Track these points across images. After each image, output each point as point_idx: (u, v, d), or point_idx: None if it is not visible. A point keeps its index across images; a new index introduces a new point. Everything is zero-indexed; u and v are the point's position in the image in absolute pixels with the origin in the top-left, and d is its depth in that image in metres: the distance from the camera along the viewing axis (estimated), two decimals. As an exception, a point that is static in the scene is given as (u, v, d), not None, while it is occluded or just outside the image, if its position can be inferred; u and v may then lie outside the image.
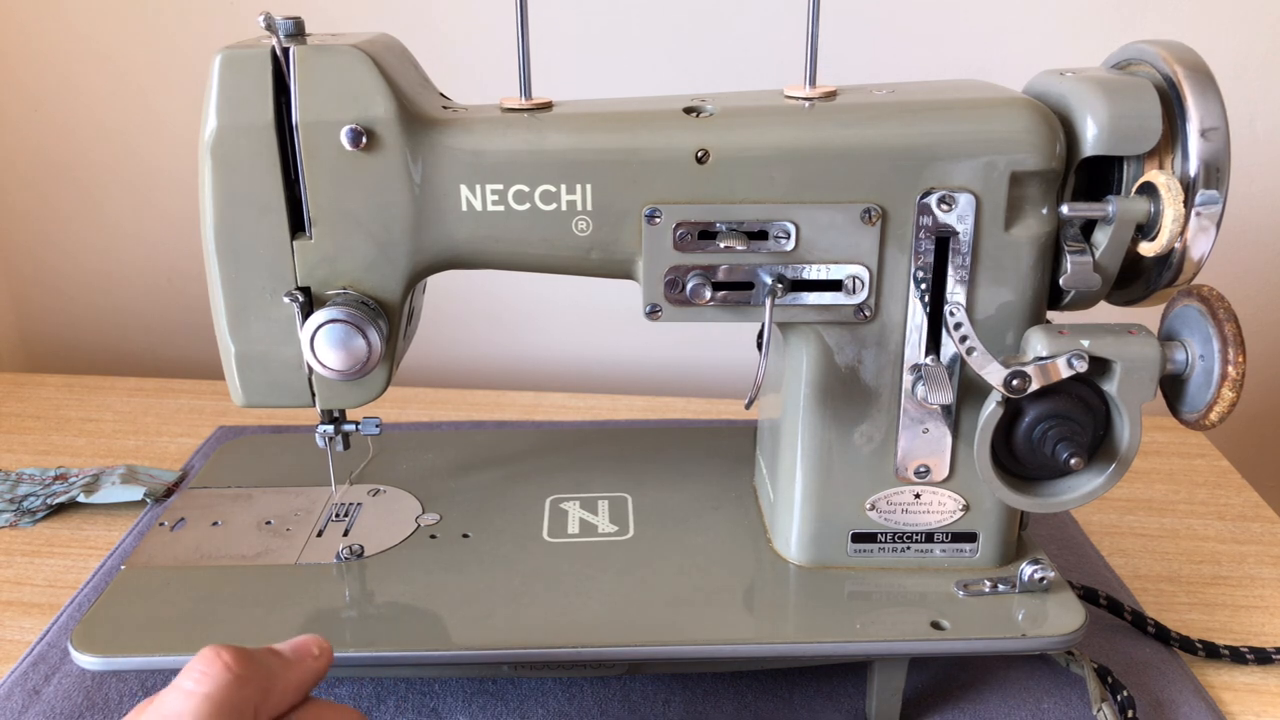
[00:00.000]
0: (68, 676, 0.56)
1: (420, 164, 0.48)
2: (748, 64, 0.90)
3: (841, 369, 0.52)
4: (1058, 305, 0.51)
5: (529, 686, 0.56)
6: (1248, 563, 0.68)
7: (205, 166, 0.48)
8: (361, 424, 0.57)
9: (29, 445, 0.83)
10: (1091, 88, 0.47)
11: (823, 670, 0.57)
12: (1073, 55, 0.82)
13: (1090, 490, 0.49)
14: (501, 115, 0.49)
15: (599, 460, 0.67)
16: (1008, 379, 0.46)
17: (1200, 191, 0.46)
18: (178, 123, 0.97)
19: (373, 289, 0.50)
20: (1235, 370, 0.45)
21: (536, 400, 0.92)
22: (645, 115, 0.49)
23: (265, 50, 0.47)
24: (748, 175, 0.48)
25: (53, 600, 0.64)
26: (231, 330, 0.50)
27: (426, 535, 0.59)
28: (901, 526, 0.54)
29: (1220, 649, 0.59)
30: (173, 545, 0.58)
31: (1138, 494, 0.77)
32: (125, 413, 0.89)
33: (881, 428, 0.53)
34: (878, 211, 0.48)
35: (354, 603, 0.53)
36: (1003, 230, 0.48)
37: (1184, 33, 0.85)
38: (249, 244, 0.49)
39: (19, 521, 0.72)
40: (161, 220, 1.01)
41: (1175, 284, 0.49)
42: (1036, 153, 0.47)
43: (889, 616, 0.51)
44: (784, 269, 0.49)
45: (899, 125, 0.48)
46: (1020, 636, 0.50)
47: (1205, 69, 0.47)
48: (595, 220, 0.49)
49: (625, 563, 0.56)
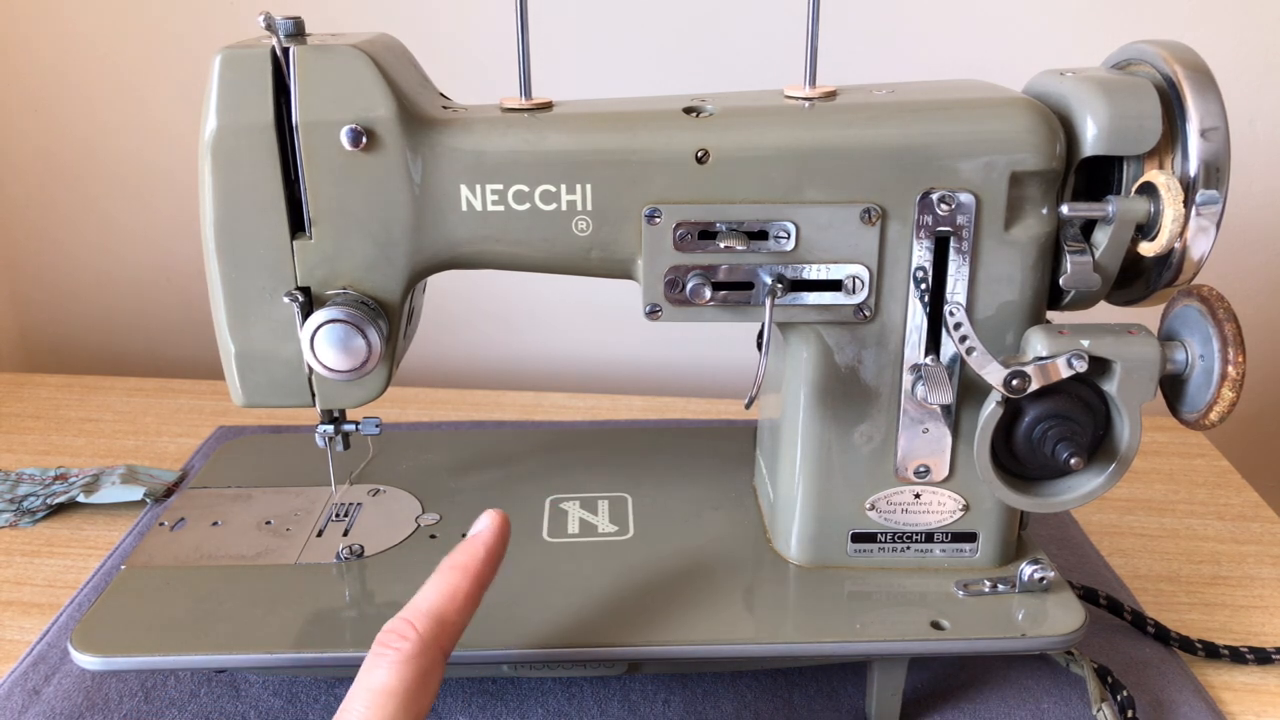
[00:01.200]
0: (68, 676, 0.56)
1: (420, 164, 0.48)
2: (748, 64, 0.90)
3: (841, 369, 0.52)
4: (1058, 305, 0.51)
5: (529, 686, 0.56)
6: (1248, 563, 0.68)
7: (205, 166, 0.48)
8: (361, 424, 0.57)
9: (29, 445, 0.83)
10: (1091, 88, 0.47)
11: (823, 670, 0.57)
12: (1073, 55, 0.81)
13: (1090, 490, 0.49)
14: (501, 115, 0.49)
15: (599, 460, 0.67)
16: (1008, 379, 0.46)
17: (1200, 191, 0.46)
18: (178, 123, 0.97)
19: (373, 289, 0.50)
20: (1235, 370, 0.45)
21: (536, 400, 0.92)
22: (645, 115, 0.49)
23: (265, 50, 0.47)
24: (748, 175, 0.48)
25: (53, 600, 0.64)
26: (231, 330, 0.50)
27: (426, 535, 0.59)
28: (901, 526, 0.54)
29: (1220, 649, 0.59)
30: (173, 545, 0.58)
31: (1138, 494, 0.77)
32: (125, 413, 0.89)
33: (881, 428, 0.53)
34: (878, 211, 0.48)
35: (354, 603, 0.53)
36: (1003, 230, 0.48)
37: (1184, 33, 0.85)
38: (249, 244, 0.49)
39: (19, 521, 0.72)
40: (161, 220, 1.01)
41: (1175, 284, 0.49)
42: (1036, 153, 0.47)
43: (889, 616, 0.51)
44: (784, 269, 0.49)
45: (899, 125, 0.48)
46: (1020, 636, 0.50)
47: (1205, 69, 0.47)
48: (595, 220, 0.49)
49: (625, 563, 0.56)
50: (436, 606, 0.43)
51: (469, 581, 0.45)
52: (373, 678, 0.40)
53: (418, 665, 0.41)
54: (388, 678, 0.40)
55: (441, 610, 0.43)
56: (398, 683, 0.40)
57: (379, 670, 0.40)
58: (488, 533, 0.47)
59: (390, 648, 0.41)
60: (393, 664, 0.40)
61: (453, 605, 0.43)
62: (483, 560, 0.46)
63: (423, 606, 0.43)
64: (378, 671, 0.40)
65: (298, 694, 0.55)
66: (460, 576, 0.45)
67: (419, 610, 0.43)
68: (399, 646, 0.41)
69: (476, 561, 0.45)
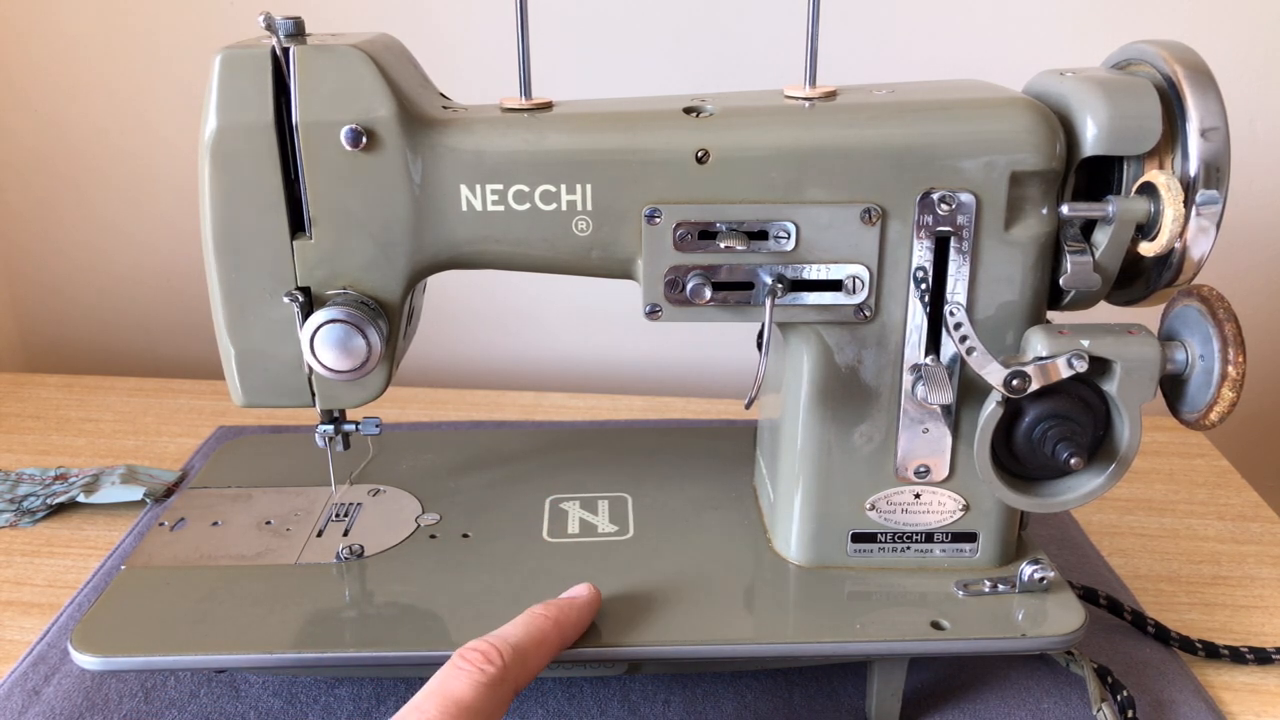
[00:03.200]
0: (68, 676, 0.56)
1: (420, 164, 0.48)
2: (748, 64, 0.90)
3: (841, 369, 0.52)
4: (1058, 305, 0.51)
5: (529, 686, 0.56)
6: (1248, 563, 0.68)
7: (205, 166, 0.48)
8: (361, 424, 0.57)
9: (29, 445, 0.83)
10: (1091, 88, 0.47)
11: (823, 670, 0.57)
12: (1073, 55, 0.82)
13: (1090, 490, 0.49)
14: (501, 115, 0.49)
15: (599, 460, 0.67)
16: (1008, 379, 0.46)
17: (1200, 191, 0.46)
18: (177, 123, 0.97)
19: (373, 289, 0.50)
20: (1235, 370, 0.45)
21: (536, 400, 0.92)
22: (645, 115, 0.49)
23: (265, 50, 0.47)
24: (748, 175, 0.48)
25: (53, 600, 0.64)
26: (231, 330, 0.50)
27: (426, 535, 0.59)
28: (901, 526, 0.54)
29: (1220, 649, 0.59)
30: (173, 545, 0.58)
31: (1138, 494, 0.77)
32: (125, 413, 0.89)
33: (881, 428, 0.53)
34: (878, 211, 0.48)
35: (354, 603, 0.53)
36: (1003, 230, 0.48)
37: (1184, 33, 0.85)
38: (249, 244, 0.49)
39: (19, 521, 0.72)
40: (161, 220, 1.01)
41: (1175, 284, 0.49)
42: (1036, 153, 0.47)
43: (889, 616, 0.51)
44: (784, 269, 0.49)
45: (899, 125, 0.48)
46: (1020, 636, 0.50)
47: (1205, 69, 0.47)
48: (595, 220, 0.49)
49: (625, 563, 0.56)
50: (525, 646, 0.42)
51: (556, 635, 0.45)
52: (453, 688, 0.39)
53: (496, 694, 0.40)
54: (470, 694, 0.39)
55: (527, 651, 0.43)
56: (476, 701, 0.39)
57: (461, 683, 0.39)
58: (582, 600, 0.48)
59: (476, 665, 0.40)
60: (477, 683, 0.40)
61: (537, 651, 0.43)
62: (573, 622, 0.46)
63: (512, 640, 0.42)
64: (459, 684, 0.39)
65: (298, 694, 0.55)
66: (551, 628, 0.44)
67: (508, 642, 0.42)
68: (485, 668, 0.40)
69: (568, 621, 0.46)
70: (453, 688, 0.39)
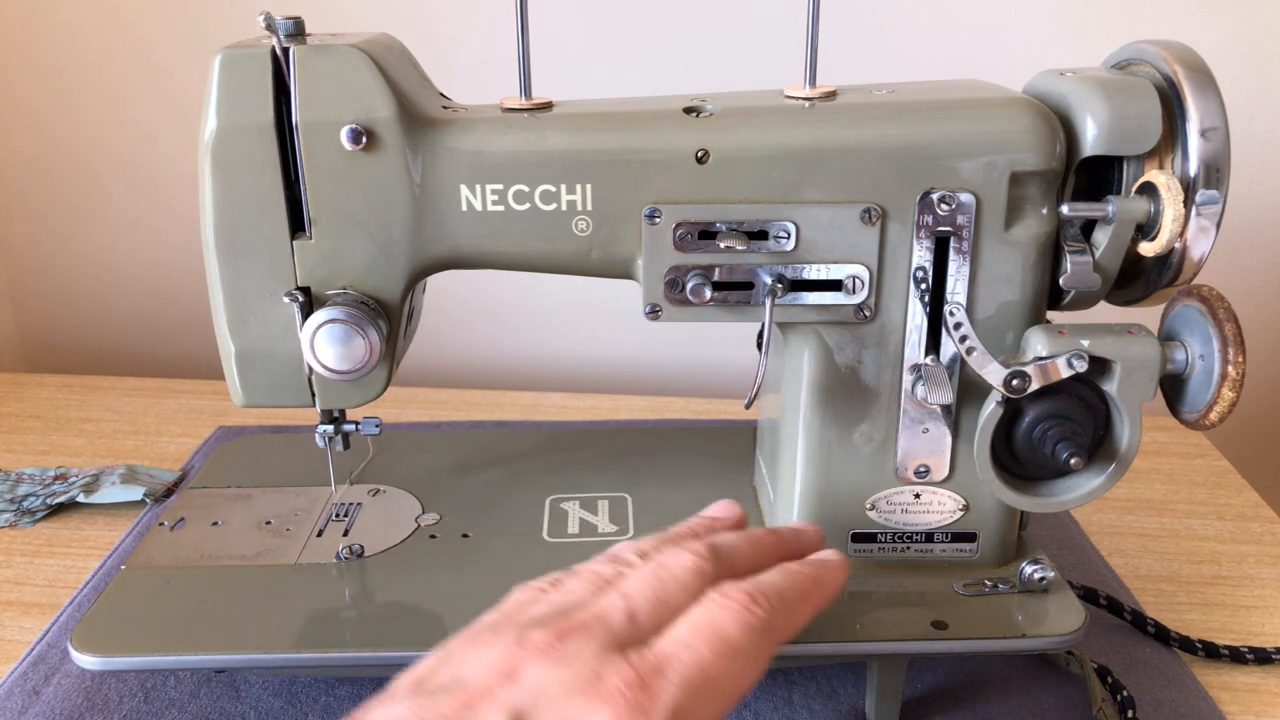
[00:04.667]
0: (68, 676, 0.56)
1: (420, 164, 0.48)
2: (748, 64, 0.90)
3: (841, 369, 0.52)
4: (1058, 305, 0.51)
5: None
6: (1247, 563, 0.68)
7: (205, 166, 0.48)
8: (361, 424, 0.57)
9: (29, 445, 0.83)
10: (1091, 88, 0.47)
11: (822, 670, 0.57)
12: (1073, 55, 0.82)
13: (1090, 490, 0.49)
14: (501, 115, 0.49)
15: (599, 460, 0.67)
16: (1008, 379, 0.46)
17: (1200, 191, 0.46)
18: (177, 123, 0.97)
19: (373, 289, 0.50)
20: (1235, 370, 0.45)
21: (536, 400, 0.92)
22: (645, 115, 0.49)
23: (265, 50, 0.47)
24: (748, 175, 0.48)
25: (53, 600, 0.64)
26: (231, 330, 0.50)
27: (426, 535, 0.59)
28: (901, 526, 0.54)
29: (1220, 649, 0.59)
30: (173, 545, 0.58)
31: (1138, 494, 0.77)
32: (125, 413, 0.89)
33: (881, 428, 0.53)
34: (878, 211, 0.48)
35: (354, 603, 0.53)
36: (1003, 230, 0.48)
37: (1184, 33, 0.85)
38: (249, 244, 0.49)
39: (19, 521, 0.72)
40: (161, 220, 1.01)
41: (1175, 284, 0.49)
42: (1036, 153, 0.47)
43: (889, 616, 0.51)
44: (784, 269, 0.49)
45: (899, 125, 0.48)
46: (1020, 636, 0.50)
47: (1205, 69, 0.47)
48: (595, 220, 0.49)
49: (625, 563, 0.56)
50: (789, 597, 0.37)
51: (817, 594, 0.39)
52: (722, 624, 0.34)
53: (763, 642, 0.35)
54: (740, 635, 0.34)
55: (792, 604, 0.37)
56: (747, 644, 0.34)
57: (729, 620, 0.34)
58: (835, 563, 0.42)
59: (743, 605, 0.35)
60: (746, 624, 0.35)
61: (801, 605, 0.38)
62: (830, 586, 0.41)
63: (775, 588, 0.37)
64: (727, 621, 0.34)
65: (298, 694, 0.55)
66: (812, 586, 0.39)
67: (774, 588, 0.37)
68: (753, 609, 0.35)
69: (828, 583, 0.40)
70: (721, 624, 0.34)
